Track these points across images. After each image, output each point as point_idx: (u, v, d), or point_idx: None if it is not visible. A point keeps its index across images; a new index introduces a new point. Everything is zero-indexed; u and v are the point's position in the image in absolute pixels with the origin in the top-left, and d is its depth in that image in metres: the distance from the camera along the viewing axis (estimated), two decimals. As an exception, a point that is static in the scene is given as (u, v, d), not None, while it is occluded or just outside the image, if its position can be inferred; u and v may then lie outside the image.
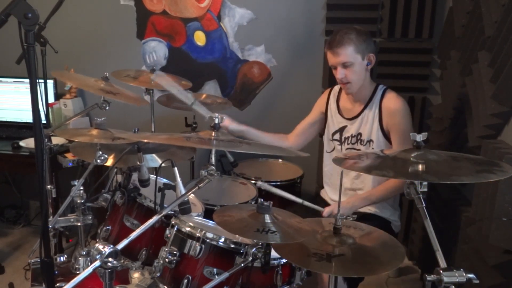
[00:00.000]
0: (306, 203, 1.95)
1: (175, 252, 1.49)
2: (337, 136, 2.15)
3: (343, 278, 1.79)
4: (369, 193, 2.03)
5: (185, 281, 1.45)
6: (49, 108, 2.92)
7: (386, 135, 2.02)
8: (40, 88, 1.34)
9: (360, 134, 2.07)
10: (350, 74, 1.96)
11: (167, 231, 1.56)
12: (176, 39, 3.04)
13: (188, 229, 1.51)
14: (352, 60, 1.94)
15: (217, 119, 1.48)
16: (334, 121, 2.17)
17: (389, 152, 1.42)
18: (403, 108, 1.99)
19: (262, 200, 1.41)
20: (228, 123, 2.11)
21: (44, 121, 2.15)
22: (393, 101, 2.00)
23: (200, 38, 3.01)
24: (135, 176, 1.71)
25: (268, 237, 1.31)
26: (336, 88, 2.21)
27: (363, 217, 1.94)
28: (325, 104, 2.22)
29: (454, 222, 2.04)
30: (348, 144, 2.11)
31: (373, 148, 2.03)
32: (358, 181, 2.11)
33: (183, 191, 1.46)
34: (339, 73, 1.97)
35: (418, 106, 2.71)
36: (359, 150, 2.08)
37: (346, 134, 2.12)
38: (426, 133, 1.29)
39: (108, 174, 1.90)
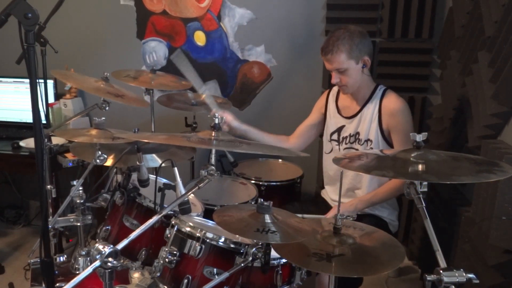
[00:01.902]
0: (306, 216, 1.96)
1: (175, 252, 1.49)
2: (335, 136, 2.15)
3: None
4: (372, 194, 2.03)
5: (185, 281, 1.45)
6: (49, 108, 2.92)
7: (386, 136, 2.02)
8: (40, 88, 1.34)
9: (358, 133, 2.07)
10: (345, 78, 1.97)
11: (167, 231, 1.56)
12: (176, 39, 3.04)
13: (188, 229, 1.51)
14: (345, 66, 1.93)
15: (217, 119, 1.48)
16: (333, 121, 2.17)
17: (389, 152, 1.42)
18: (404, 108, 1.98)
19: (262, 200, 1.41)
20: (230, 119, 2.12)
21: (44, 121, 2.15)
22: (394, 101, 1.99)
23: (200, 38, 3.01)
24: (134, 176, 1.71)
25: (268, 237, 1.31)
26: (335, 88, 2.21)
27: (360, 217, 1.94)
28: (324, 105, 2.23)
29: (454, 222, 2.04)
30: (346, 144, 2.11)
31: (371, 148, 2.03)
32: (356, 181, 2.11)
33: (183, 191, 1.46)
34: (335, 78, 1.99)
35: (418, 106, 2.71)
36: (357, 150, 2.08)
37: (344, 133, 2.12)
38: (426, 133, 1.29)
39: (108, 174, 1.90)
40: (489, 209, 1.61)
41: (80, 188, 1.79)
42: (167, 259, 1.48)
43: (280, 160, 2.87)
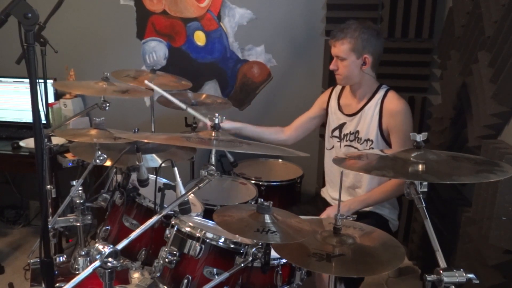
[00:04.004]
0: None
1: (175, 252, 1.49)
2: (336, 133, 2.16)
3: (343, 283, 1.77)
4: (367, 195, 2.03)
5: (185, 281, 1.45)
6: (49, 108, 2.92)
7: (385, 137, 2.02)
8: (40, 88, 1.34)
9: (357, 131, 2.07)
10: (341, 67, 2.01)
11: (167, 231, 1.56)
12: (176, 39, 3.04)
13: (188, 229, 1.51)
14: (344, 56, 1.98)
15: (217, 119, 1.48)
16: (334, 118, 2.18)
17: (389, 152, 1.42)
18: (405, 110, 1.99)
19: (262, 200, 1.41)
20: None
21: (44, 121, 2.15)
22: (395, 102, 1.99)
23: (200, 38, 3.01)
24: (134, 176, 1.71)
25: (268, 237, 1.31)
26: (339, 86, 2.23)
27: (360, 215, 1.94)
28: (327, 101, 2.24)
29: (454, 222, 2.04)
30: (346, 141, 2.12)
31: (371, 148, 2.03)
32: (356, 179, 2.11)
33: (183, 191, 1.46)
34: (333, 64, 2.04)
35: (418, 106, 2.71)
36: (356, 148, 2.08)
37: (345, 131, 2.12)
38: (426, 133, 1.29)
39: (108, 174, 1.90)
40: (489, 209, 1.61)
41: (80, 188, 1.79)
42: (167, 259, 1.48)
43: (280, 160, 2.87)
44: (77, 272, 1.73)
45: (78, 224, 1.84)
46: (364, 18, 2.68)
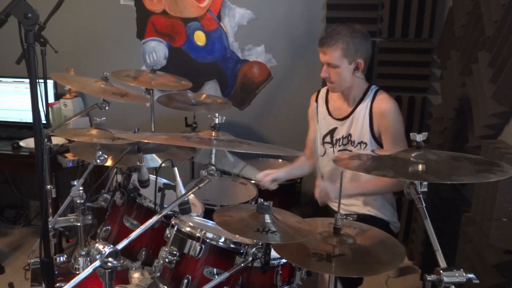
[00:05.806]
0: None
1: (175, 252, 1.49)
2: (328, 139, 2.13)
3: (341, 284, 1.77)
4: (361, 183, 2.02)
5: (185, 281, 1.45)
6: (49, 108, 2.92)
7: (376, 138, 2.00)
8: (40, 88, 1.34)
9: (350, 135, 2.05)
10: (333, 74, 1.96)
11: (167, 231, 1.56)
12: (176, 39, 3.04)
13: (188, 229, 1.51)
14: (337, 63, 1.92)
15: (217, 119, 1.48)
16: (324, 124, 2.14)
17: (380, 152, 1.42)
18: (394, 109, 1.96)
19: (262, 200, 1.41)
20: (275, 176, 2.18)
21: (44, 121, 2.14)
22: (384, 103, 1.97)
23: (200, 38, 3.01)
24: (135, 176, 1.71)
25: (268, 237, 1.31)
26: (323, 90, 2.19)
27: (361, 218, 1.93)
28: (316, 110, 2.19)
29: (454, 222, 2.04)
30: (339, 145, 2.09)
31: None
32: (353, 182, 2.09)
33: (183, 191, 1.46)
34: (324, 72, 1.98)
35: (418, 106, 2.71)
36: (350, 151, 2.06)
37: (337, 135, 2.10)
38: (426, 133, 1.29)
39: (108, 174, 1.90)
40: (489, 209, 1.61)
41: (80, 188, 1.79)
42: (167, 259, 1.48)
43: (280, 160, 2.87)
44: (77, 272, 1.73)
45: (79, 224, 1.84)
46: (364, 18, 2.71)
